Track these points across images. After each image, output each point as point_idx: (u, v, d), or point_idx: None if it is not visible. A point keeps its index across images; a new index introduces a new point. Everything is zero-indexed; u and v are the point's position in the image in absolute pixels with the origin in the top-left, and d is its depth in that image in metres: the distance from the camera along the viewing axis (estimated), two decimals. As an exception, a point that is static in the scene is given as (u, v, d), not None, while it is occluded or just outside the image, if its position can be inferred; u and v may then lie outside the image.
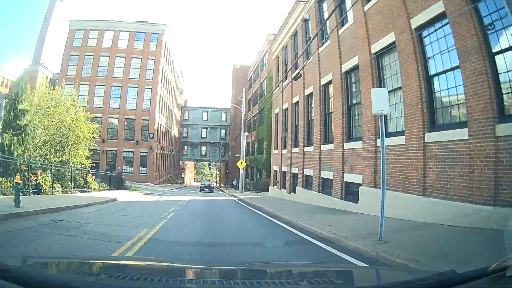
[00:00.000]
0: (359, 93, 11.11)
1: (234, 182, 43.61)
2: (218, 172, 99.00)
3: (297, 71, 16.47)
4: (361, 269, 3.41)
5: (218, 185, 74.27)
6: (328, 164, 13.05)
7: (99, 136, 24.82)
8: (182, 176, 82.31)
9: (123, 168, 40.26)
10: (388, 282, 1.89)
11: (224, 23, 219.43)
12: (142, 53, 42.48)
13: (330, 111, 13.88)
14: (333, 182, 12.36)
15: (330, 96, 14.00)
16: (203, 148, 68.36)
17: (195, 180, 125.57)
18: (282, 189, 20.24)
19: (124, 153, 40.40)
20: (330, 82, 13.60)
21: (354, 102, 11.89)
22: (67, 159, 18.70)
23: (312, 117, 15.31)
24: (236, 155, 40.51)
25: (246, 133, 32.29)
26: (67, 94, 22.17)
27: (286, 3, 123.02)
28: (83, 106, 21.92)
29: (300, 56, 16.85)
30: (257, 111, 46.05)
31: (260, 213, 13.24)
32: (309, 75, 16.06)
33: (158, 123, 42.52)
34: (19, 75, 19.01)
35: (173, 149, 58.80)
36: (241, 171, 30.28)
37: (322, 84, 14.46)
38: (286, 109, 19.78)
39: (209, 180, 71.51)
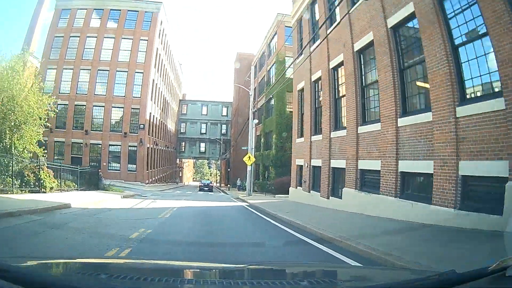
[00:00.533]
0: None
1: (238, 182, 38.15)
2: (218, 172, 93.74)
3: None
4: (361, 269, 3.13)
5: (218, 184, 68.97)
6: (418, 148, 7.74)
7: (55, 113, 19.23)
8: (180, 175, 77.03)
9: (110, 164, 34.92)
10: (388, 282, 1.82)
11: (224, 15, 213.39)
12: (133, 33, 37.10)
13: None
14: (434, 179, 7.00)
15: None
16: (202, 144, 63.00)
17: (194, 179, 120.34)
18: (312, 191, 14.80)
19: (110, 147, 35.03)
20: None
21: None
22: (9, 145, 13.32)
23: (377, 78, 9.87)
24: (243, 147, 35.13)
25: (256, 121, 26.80)
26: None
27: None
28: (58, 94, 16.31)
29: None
30: (263, 103, 40.79)
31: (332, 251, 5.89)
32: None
33: (150, 114, 37.16)
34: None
35: (169, 145, 53.44)
36: (248, 168, 24.94)
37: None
38: (319, 78, 14.38)
39: (208, 179, 68.55)
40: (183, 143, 63.10)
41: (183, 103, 64.52)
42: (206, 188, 38.94)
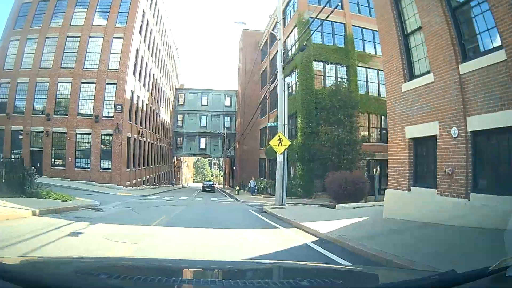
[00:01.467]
0: None
1: (252, 183, 29.03)
2: (220, 172, 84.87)
3: None
4: (361, 269, 2.91)
5: (221, 186, 60.13)
6: None
7: None
8: (178, 176, 68.17)
9: (77, 160, 26.04)
10: (388, 282, 1.85)
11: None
12: (112, -10, 28.33)
13: None
14: None
15: None
16: (202, 140, 54.09)
17: (194, 180, 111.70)
18: (479, 194, 5.72)
19: (77, 136, 26.15)
20: None
21: None
22: None
23: None
24: (270, 124, 26.37)
25: (286, 86, 17.91)
26: None
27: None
28: None
29: None
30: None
31: None
32: None
33: (132, 93, 28.28)
34: None
35: (163, 140, 44.53)
36: (278, 160, 15.62)
37: None
38: None
39: (210, 180, 65.93)
40: (180, 138, 54.21)
41: (180, 92, 55.67)
42: (209, 189, 39.24)
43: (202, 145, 53.86)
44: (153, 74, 36.15)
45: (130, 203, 14.62)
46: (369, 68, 28.64)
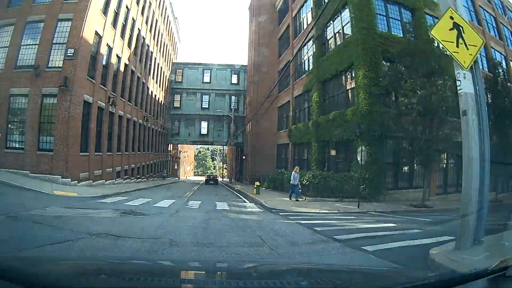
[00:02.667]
0: None
1: (294, 177, 18.41)
2: (224, 164, 75.65)
3: None
4: (361, 269, 2.82)
5: (226, 180, 51.01)
6: None
7: None
8: (175, 168, 59.11)
9: (9, 137, 16.83)
10: (388, 282, 1.82)
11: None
12: None
13: None
14: None
15: None
16: (204, 124, 44.79)
17: (195, 173, 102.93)
18: None
19: (12, 99, 16.94)
20: None
21: None
22: None
23: None
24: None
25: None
26: None
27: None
28: None
29: None
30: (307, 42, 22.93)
31: None
32: None
33: (98, 36, 18.88)
34: None
35: (152, 121, 35.33)
36: (464, 103, 5.30)
37: None
38: None
39: (212, 173, 60.36)
40: (177, 122, 44.94)
41: (177, 67, 46.27)
42: (212, 182, 37.90)
43: (203, 130, 44.59)
44: (139, 29, 26.79)
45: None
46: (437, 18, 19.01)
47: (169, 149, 47.01)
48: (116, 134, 22.60)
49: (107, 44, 20.10)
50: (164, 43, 38.85)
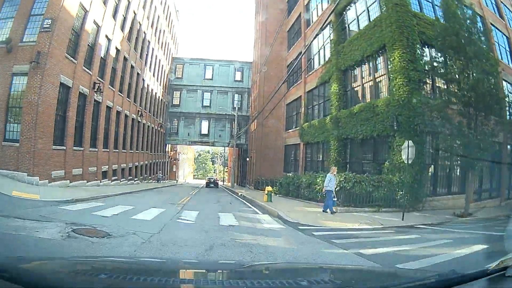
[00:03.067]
0: None
1: (330, 182, 15.04)
2: (225, 167, 72.57)
3: None
4: (361, 269, 2.97)
5: (228, 184, 47.83)
6: None
7: None
8: (174, 170, 56.09)
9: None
10: (388, 282, 1.83)
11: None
12: None
13: None
14: None
15: None
16: (204, 123, 41.75)
17: (195, 177, 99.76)
18: None
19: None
20: None
21: None
22: None
23: None
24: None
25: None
26: None
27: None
28: None
29: None
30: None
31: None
32: None
33: (84, 10, 15.89)
34: None
35: (148, 117, 32.37)
36: None
37: None
38: None
39: (212, 176, 60.99)
40: (176, 120, 41.93)
41: (178, 62, 43.39)
42: (212, 185, 37.84)
43: (204, 130, 41.53)
44: (135, 13, 23.83)
45: None
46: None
47: (166, 150, 43.96)
48: (102, 128, 19.55)
49: (95, 21, 17.10)
50: (163, 33, 35.98)
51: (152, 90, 32.86)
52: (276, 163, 28.95)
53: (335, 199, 11.09)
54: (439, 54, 13.20)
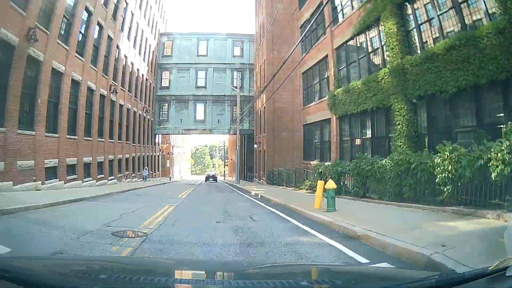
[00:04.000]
0: None
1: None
2: (225, 161, 66.24)
3: None
4: (362, 269, 2.98)
5: (232, 178, 41.40)
6: None
7: None
8: (168, 166, 49.80)
9: None
10: (388, 282, 1.79)
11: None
12: None
13: None
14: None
15: None
16: (199, 107, 35.19)
17: (193, 172, 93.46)
18: None
19: None
20: None
21: None
22: None
23: None
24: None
25: None
26: None
27: None
28: None
29: None
30: None
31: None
32: None
33: None
34: None
35: (129, 99, 25.93)
36: None
37: None
38: None
39: (211, 171, 58.19)
40: (166, 105, 35.41)
41: (167, 37, 36.76)
42: (212, 179, 39.32)
43: (199, 115, 34.97)
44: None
45: None
46: None
47: (157, 142, 37.50)
48: (45, 99, 13.08)
49: None
50: (149, 6, 29.39)
51: (132, 64, 26.33)
52: (292, 150, 22.67)
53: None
54: None
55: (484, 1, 9.07)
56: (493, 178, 6.26)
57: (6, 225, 5.93)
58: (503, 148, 6.09)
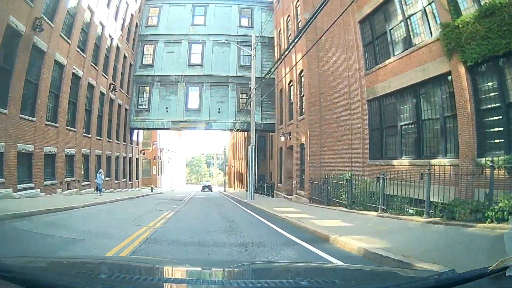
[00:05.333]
0: None
1: None
2: (226, 170, 56.40)
3: None
4: (361, 269, 2.75)
5: (237, 189, 31.24)
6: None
7: None
8: (154, 173, 40.50)
9: None
10: (388, 282, 1.75)
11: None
12: None
13: None
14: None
15: None
16: (193, 93, 25.69)
17: (188, 182, 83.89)
18: None
19: None
20: None
21: None
22: None
23: None
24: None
25: None
26: None
27: None
28: None
29: None
30: None
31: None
32: None
33: None
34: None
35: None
36: None
37: None
38: None
39: (207, 181, 60.30)
40: (146, 88, 26.01)
41: (151, 3, 27.63)
42: (207, 188, 41.17)
43: (192, 103, 25.40)
44: None
45: None
46: None
47: (135, 140, 27.97)
48: None
49: None
50: None
51: (103, 26, 17.19)
52: (344, 144, 13.34)
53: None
54: None
55: None
56: None
57: None
58: None
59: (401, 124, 11.06)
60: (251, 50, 21.81)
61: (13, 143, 11.27)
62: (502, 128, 7.88)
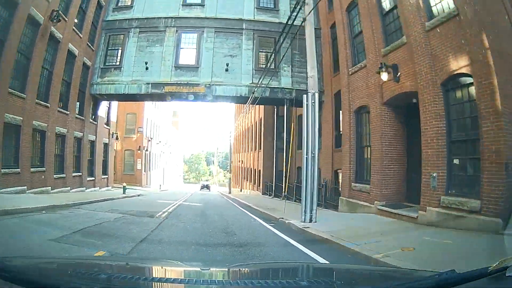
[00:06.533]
0: None
1: None
2: (229, 167, 47.69)
3: None
4: (361, 269, 2.81)
5: (245, 192, 22.00)
6: None
7: None
8: (139, 168, 32.15)
9: None
10: (387, 282, 1.79)
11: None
12: None
13: None
14: None
15: None
16: (189, 41, 17.15)
17: (186, 181, 75.84)
18: None
19: None
20: None
21: None
22: None
23: None
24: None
25: None
26: None
27: None
28: None
29: None
30: None
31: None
32: None
33: None
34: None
35: None
36: None
37: None
38: None
39: (207, 180, 59.50)
40: (120, 37, 17.34)
41: None
42: (206, 188, 41.18)
43: (186, 57, 16.43)
44: None
45: None
46: None
47: (102, 115, 19.27)
48: None
49: None
50: None
51: None
52: None
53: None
54: None
55: None
56: None
57: None
58: None
59: None
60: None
61: None
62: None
